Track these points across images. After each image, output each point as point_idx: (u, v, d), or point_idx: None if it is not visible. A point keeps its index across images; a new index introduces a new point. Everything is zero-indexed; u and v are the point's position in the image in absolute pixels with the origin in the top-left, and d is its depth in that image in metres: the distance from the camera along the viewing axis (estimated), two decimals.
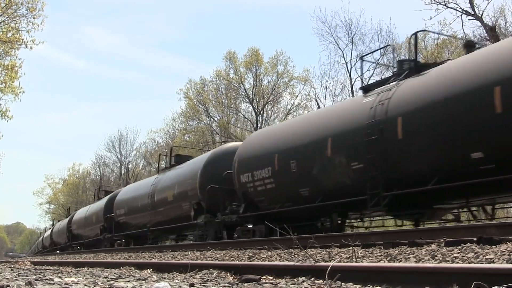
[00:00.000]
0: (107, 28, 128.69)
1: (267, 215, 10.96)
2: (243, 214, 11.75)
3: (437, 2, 21.15)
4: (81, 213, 27.78)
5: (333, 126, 9.64)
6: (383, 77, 29.38)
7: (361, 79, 11.75)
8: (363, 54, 13.37)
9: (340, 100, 29.98)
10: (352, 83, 29.71)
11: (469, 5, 21.15)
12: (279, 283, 4.37)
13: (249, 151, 12.02)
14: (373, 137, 8.40)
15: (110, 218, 20.82)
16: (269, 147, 11.26)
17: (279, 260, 6.35)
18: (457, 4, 21.23)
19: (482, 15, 21.17)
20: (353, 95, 29.14)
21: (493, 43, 15.62)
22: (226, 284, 4.44)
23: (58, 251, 30.59)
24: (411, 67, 9.05)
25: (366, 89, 9.71)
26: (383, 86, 9.23)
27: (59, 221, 38.75)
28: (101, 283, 4.54)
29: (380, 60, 29.19)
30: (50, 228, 40.79)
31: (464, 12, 21.23)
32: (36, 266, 10.58)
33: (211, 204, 12.91)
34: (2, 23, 17.98)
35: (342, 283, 3.91)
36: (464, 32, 24.41)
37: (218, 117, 35.70)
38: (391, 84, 9.04)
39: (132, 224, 19.01)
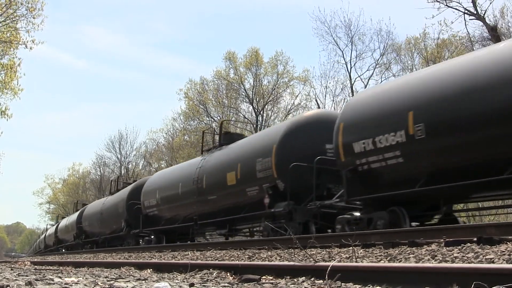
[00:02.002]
0: (108, 28, 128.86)
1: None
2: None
3: (439, 1, 21.12)
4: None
5: None
6: (382, 77, 29.51)
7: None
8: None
9: (340, 100, 29.98)
10: (352, 83, 29.73)
11: (471, 4, 21.12)
12: (279, 283, 4.37)
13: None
14: None
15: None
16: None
17: (279, 260, 6.35)
18: (459, 3, 21.21)
19: (484, 15, 21.15)
20: (353, 95, 29.16)
21: (494, 43, 15.59)
22: (226, 284, 4.44)
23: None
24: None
25: None
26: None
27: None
28: (101, 283, 4.54)
29: (380, 60, 29.28)
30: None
31: (466, 11, 21.21)
32: (36, 266, 10.58)
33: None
34: (1, 23, 18.00)
35: (342, 283, 3.91)
36: (467, 32, 24.39)
37: (218, 117, 35.70)
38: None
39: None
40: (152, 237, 16.93)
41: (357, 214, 8.89)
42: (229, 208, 12.76)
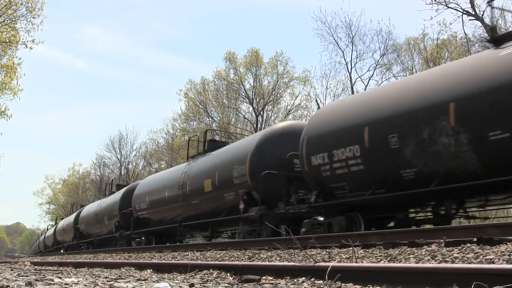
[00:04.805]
0: (107, 27, 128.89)
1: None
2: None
3: (437, 2, 21.17)
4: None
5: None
6: (383, 77, 29.53)
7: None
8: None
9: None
10: (353, 83, 29.75)
11: (469, 5, 21.15)
12: (279, 283, 4.37)
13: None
14: None
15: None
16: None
17: (279, 260, 6.35)
18: (457, 4, 21.25)
19: (482, 15, 21.17)
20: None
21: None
22: (226, 284, 4.44)
23: (62, 250, 29.35)
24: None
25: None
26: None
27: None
28: (101, 283, 4.54)
29: (380, 60, 29.29)
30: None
31: (464, 12, 21.24)
32: (36, 267, 10.58)
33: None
34: (1, 23, 17.99)
35: (342, 283, 3.91)
36: (464, 33, 24.45)
37: (218, 118, 35.70)
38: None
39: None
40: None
41: (321, 218, 9.77)
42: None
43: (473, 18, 21.35)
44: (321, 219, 9.75)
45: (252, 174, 11.60)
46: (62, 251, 29.16)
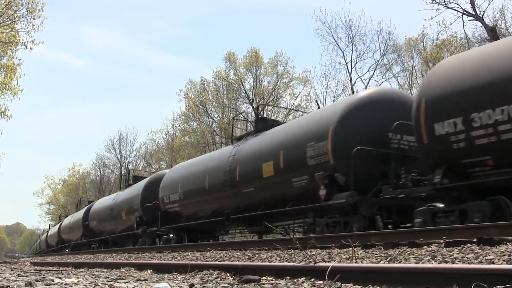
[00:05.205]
0: (107, 27, 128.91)
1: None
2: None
3: (437, 2, 21.16)
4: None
5: None
6: (383, 77, 29.53)
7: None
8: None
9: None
10: (353, 83, 29.75)
11: (470, 5, 21.14)
12: (279, 283, 4.37)
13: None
14: None
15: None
16: None
17: (279, 260, 6.35)
18: (458, 4, 21.24)
19: (483, 15, 21.16)
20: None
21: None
22: (226, 285, 4.44)
23: (68, 250, 27.67)
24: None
25: None
26: None
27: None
28: (101, 283, 4.54)
29: (380, 60, 29.29)
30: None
31: (464, 12, 21.22)
32: (36, 267, 10.58)
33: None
34: (1, 23, 18.00)
35: (342, 284, 3.91)
36: (465, 33, 24.44)
37: (218, 118, 35.69)
38: None
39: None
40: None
41: (441, 205, 7.65)
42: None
43: (473, 18, 21.33)
44: (441, 205, 7.59)
45: (336, 152, 9.32)
46: (67, 250, 27.85)
